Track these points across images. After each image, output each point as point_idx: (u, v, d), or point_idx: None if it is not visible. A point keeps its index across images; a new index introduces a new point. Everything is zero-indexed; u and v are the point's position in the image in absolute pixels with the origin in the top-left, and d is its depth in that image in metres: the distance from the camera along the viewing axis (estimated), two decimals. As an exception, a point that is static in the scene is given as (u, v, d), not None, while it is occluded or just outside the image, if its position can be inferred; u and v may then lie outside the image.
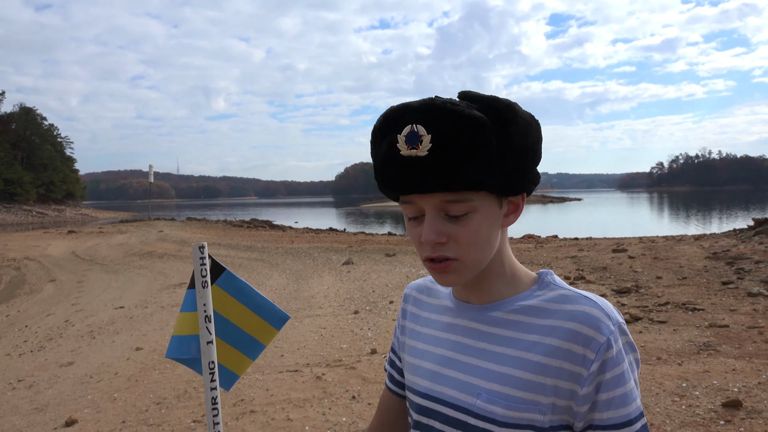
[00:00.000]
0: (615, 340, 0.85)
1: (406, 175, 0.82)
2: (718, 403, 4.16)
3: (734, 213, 44.85)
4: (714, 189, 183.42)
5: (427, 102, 0.83)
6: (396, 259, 14.60)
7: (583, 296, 0.90)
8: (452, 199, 0.83)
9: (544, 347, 0.87)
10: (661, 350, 5.55)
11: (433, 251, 0.86)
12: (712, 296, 7.85)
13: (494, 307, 0.94)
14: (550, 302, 0.90)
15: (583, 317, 0.86)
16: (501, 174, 0.85)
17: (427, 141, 0.80)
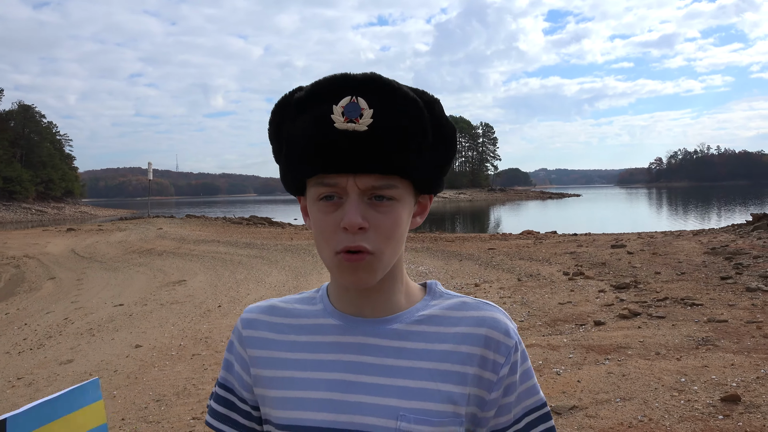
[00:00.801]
0: (519, 342, 0.87)
1: (339, 151, 0.75)
2: (716, 398, 4.17)
3: (732, 208, 44.89)
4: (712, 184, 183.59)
5: (371, 75, 0.77)
6: (395, 256, 14.59)
7: (482, 302, 0.89)
8: (381, 183, 0.77)
9: (459, 355, 0.83)
10: (659, 345, 5.56)
11: (353, 240, 0.77)
12: (710, 291, 7.86)
13: (393, 320, 0.86)
14: (452, 310, 0.87)
15: (492, 322, 0.85)
16: (427, 166, 0.81)
17: (368, 115, 0.74)
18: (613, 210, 52.70)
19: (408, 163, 0.77)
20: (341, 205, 0.77)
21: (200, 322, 8.04)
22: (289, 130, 0.80)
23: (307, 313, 0.91)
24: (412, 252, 15.31)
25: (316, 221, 0.80)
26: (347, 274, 0.79)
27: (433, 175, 0.83)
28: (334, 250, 0.78)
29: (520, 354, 0.86)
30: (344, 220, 0.76)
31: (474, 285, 9.83)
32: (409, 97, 0.77)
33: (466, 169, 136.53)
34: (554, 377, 4.91)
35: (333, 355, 0.86)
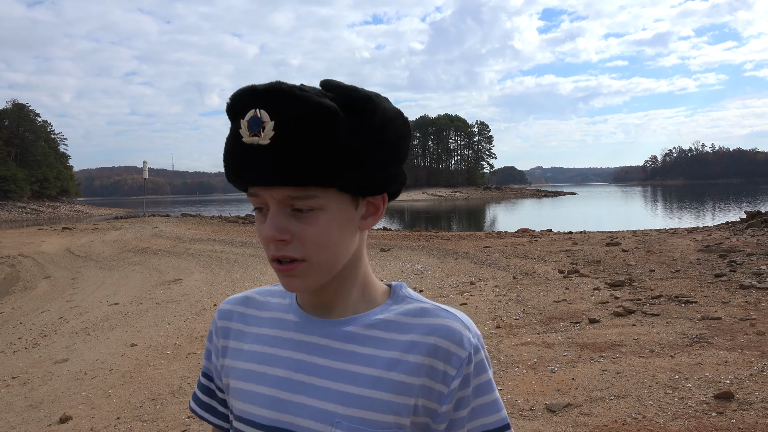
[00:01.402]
0: (476, 353, 0.82)
1: (247, 165, 0.75)
2: (710, 395, 4.19)
3: (727, 206, 45.07)
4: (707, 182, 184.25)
5: (273, 85, 0.75)
6: (391, 254, 14.62)
7: (442, 309, 0.85)
8: (297, 194, 0.75)
9: (405, 365, 0.80)
10: (653, 343, 5.58)
11: (277, 250, 0.77)
12: (704, 289, 7.90)
13: (349, 322, 0.84)
14: (408, 316, 0.84)
15: (444, 331, 0.82)
16: (354, 171, 0.77)
17: (269, 128, 0.73)
18: (608, 208, 52.85)
19: (321, 172, 0.74)
20: (267, 216, 0.78)
21: (196, 320, 8.03)
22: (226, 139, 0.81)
23: (277, 307, 0.91)
24: (408, 250, 15.32)
25: (257, 229, 0.80)
26: (282, 280, 0.80)
27: (368, 176, 0.79)
28: (270, 256, 0.79)
29: (475, 366, 0.82)
30: (263, 231, 0.77)
31: (469, 283, 9.85)
32: (312, 102, 0.73)
33: (462, 168, 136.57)
34: (549, 375, 4.93)
35: (288, 352, 0.86)
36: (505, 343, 5.99)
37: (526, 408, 4.27)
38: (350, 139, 0.75)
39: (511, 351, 5.70)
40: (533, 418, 4.10)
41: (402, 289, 0.90)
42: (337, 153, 0.74)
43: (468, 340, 0.82)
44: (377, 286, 0.89)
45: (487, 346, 5.92)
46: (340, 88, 0.78)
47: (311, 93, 0.74)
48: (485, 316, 7.33)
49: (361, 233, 0.85)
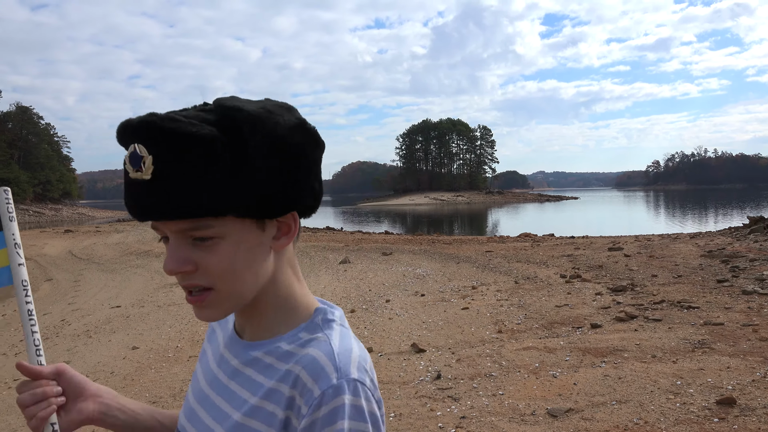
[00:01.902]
0: (332, 397, 0.70)
1: (134, 200, 0.73)
2: (712, 401, 4.18)
3: (730, 211, 45.00)
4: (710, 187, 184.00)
5: (145, 119, 0.71)
6: (393, 258, 14.61)
7: (327, 342, 0.77)
8: (191, 225, 0.72)
9: (277, 395, 0.75)
10: (656, 348, 5.57)
11: (183, 279, 0.75)
12: (707, 294, 7.88)
13: (257, 346, 0.82)
14: (300, 346, 0.78)
15: (307, 362, 0.74)
16: (246, 195, 0.73)
17: (149, 163, 0.70)
18: (611, 213, 52.79)
19: (207, 202, 0.71)
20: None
21: (197, 324, 8.03)
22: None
23: (231, 320, 0.91)
24: (410, 254, 15.32)
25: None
26: (195, 311, 0.79)
27: (266, 197, 0.75)
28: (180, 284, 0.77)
29: (329, 412, 0.70)
30: (164, 264, 0.75)
31: (471, 287, 9.84)
32: (184, 134, 0.70)
33: (464, 172, 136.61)
34: (550, 380, 4.92)
35: (214, 365, 0.88)
36: (506, 348, 5.98)
37: (528, 413, 4.26)
38: (235, 162, 0.72)
39: (512, 356, 5.69)
40: (535, 422, 4.09)
41: (320, 315, 0.82)
42: (222, 180, 0.71)
43: (327, 378, 0.71)
44: (303, 308, 0.82)
45: (489, 351, 5.90)
46: (223, 108, 0.74)
47: (184, 122, 0.70)
48: (487, 321, 7.32)
49: (277, 254, 0.81)
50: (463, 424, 4.15)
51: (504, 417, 4.23)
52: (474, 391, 4.81)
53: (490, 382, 5.02)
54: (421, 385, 5.07)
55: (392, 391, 4.95)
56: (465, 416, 4.28)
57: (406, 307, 8.53)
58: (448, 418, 4.27)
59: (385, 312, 8.25)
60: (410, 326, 7.31)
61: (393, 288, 10.26)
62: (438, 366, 5.55)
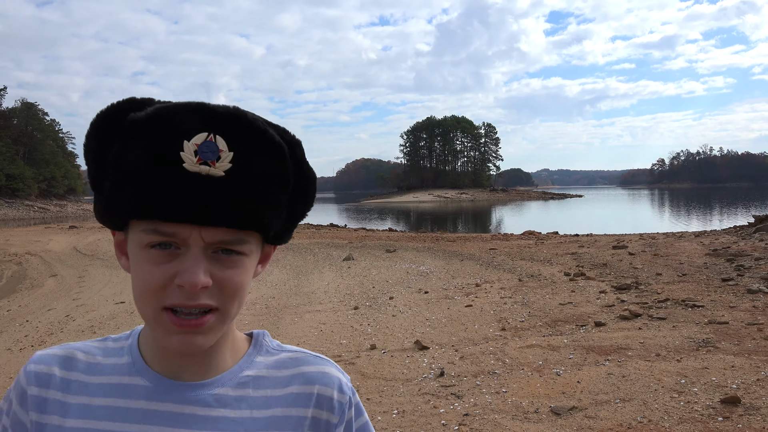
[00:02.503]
0: (354, 396, 0.81)
1: (185, 197, 0.62)
2: (716, 400, 4.17)
3: (735, 210, 44.83)
4: (715, 186, 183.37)
5: (234, 111, 0.65)
6: (396, 255, 14.61)
7: (313, 356, 0.80)
8: (233, 238, 0.65)
9: (289, 421, 0.74)
10: (660, 347, 5.56)
11: (190, 298, 0.64)
12: (711, 293, 7.86)
13: (214, 383, 0.73)
14: (281, 369, 0.77)
15: (324, 379, 0.77)
16: (284, 220, 0.71)
17: (226, 159, 0.63)
18: (615, 211, 52.67)
19: (265, 217, 0.67)
20: (178, 256, 0.64)
21: (201, 320, 8.06)
22: (119, 155, 0.65)
23: (113, 369, 0.73)
24: (413, 251, 15.32)
25: (141, 271, 0.65)
26: (177, 336, 0.66)
27: (287, 227, 0.73)
28: (162, 305, 0.65)
29: (355, 409, 0.80)
30: (183, 277, 0.63)
31: (475, 285, 9.84)
32: (275, 142, 0.67)
33: (468, 170, 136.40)
34: (554, 378, 4.91)
35: (138, 426, 0.70)
36: (510, 346, 5.98)
37: (531, 410, 4.25)
38: (292, 185, 0.70)
39: (516, 353, 5.68)
40: (538, 420, 4.08)
41: (264, 337, 0.81)
42: (281, 199, 0.69)
43: (346, 385, 0.79)
44: (239, 336, 0.80)
45: (492, 348, 5.91)
46: (275, 126, 0.70)
47: (269, 126, 0.68)
48: (490, 318, 7.32)
49: None
50: (466, 422, 4.14)
51: (507, 415, 4.23)
52: (477, 389, 4.80)
53: (493, 379, 5.01)
54: (424, 382, 5.07)
55: (395, 388, 4.95)
56: (468, 413, 4.28)
57: (410, 304, 8.53)
58: (452, 416, 4.27)
59: (389, 309, 8.25)
60: (414, 323, 7.31)
61: (396, 285, 10.27)
62: (441, 363, 5.55)
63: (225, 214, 0.63)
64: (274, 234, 0.71)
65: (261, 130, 0.66)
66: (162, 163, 0.62)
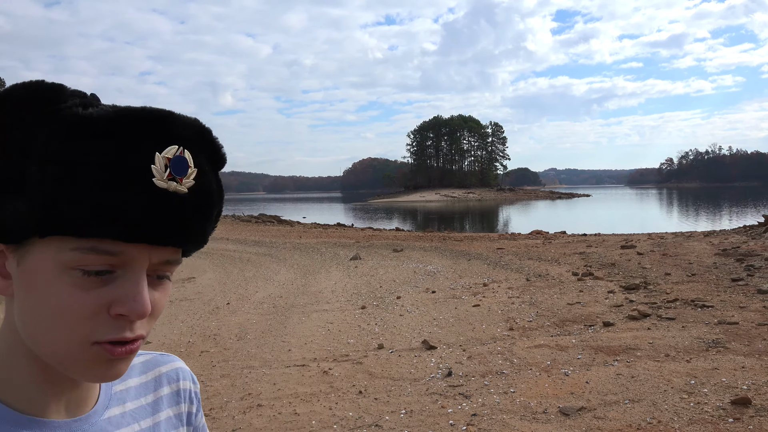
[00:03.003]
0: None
1: (152, 215, 0.54)
2: (726, 401, 4.14)
3: (744, 209, 44.53)
4: (724, 185, 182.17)
5: (200, 124, 0.61)
6: (403, 255, 14.60)
7: (160, 354, 0.79)
8: (174, 258, 0.60)
9: (171, 422, 0.74)
10: (669, 347, 5.52)
11: (130, 330, 0.56)
12: (721, 293, 7.80)
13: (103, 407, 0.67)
14: (140, 375, 0.74)
15: (183, 374, 0.79)
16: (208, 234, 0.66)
17: (191, 175, 0.57)
18: (623, 210, 52.42)
19: (206, 236, 0.63)
20: (111, 281, 0.55)
21: (209, 319, 8.07)
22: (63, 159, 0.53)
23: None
24: (420, 251, 15.31)
25: (61, 298, 0.54)
26: (104, 367, 0.57)
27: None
28: (90, 340, 0.55)
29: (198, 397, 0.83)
30: (130, 305, 0.55)
31: (482, 284, 9.81)
32: (224, 159, 0.63)
33: (475, 169, 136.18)
34: (562, 378, 4.89)
35: None
36: (518, 346, 5.96)
37: (539, 411, 4.24)
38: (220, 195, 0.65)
39: (524, 353, 5.66)
40: (546, 421, 4.06)
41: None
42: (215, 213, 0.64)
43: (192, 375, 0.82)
44: None
45: (500, 348, 5.89)
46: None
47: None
48: (498, 318, 7.30)
49: None
50: (474, 422, 4.13)
51: (515, 415, 4.21)
52: (485, 389, 4.79)
53: (501, 379, 4.99)
54: (432, 382, 5.06)
55: (403, 387, 4.94)
56: (476, 414, 4.27)
57: (417, 303, 8.52)
58: (459, 416, 4.26)
59: (396, 309, 8.24)
60: (421, 323, 7.30)
61: (404, 285, 10.26)
62: (449, 363, 5.54)
63: (184, 233, 0.58)
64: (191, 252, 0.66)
65: (219, 146, 0.62)
66: (128, 174, 0.53)
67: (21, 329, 0.57)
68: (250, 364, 5.86)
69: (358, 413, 4.44)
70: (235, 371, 5.64)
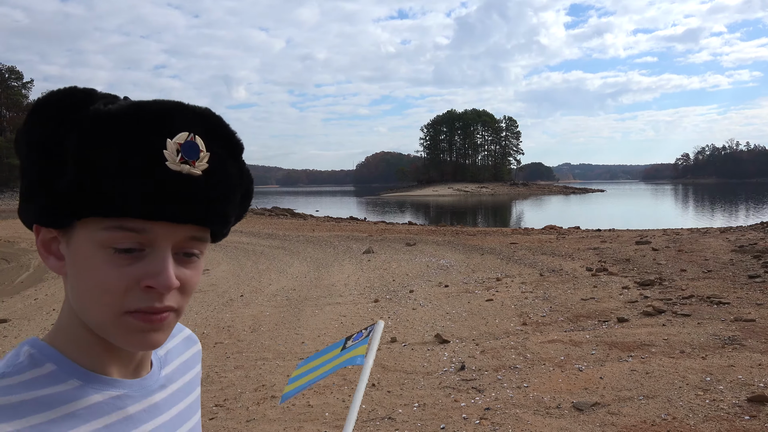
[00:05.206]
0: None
1: (168, 195, 0.61)
2: (743, 398, 4.10)
3: (762, 206, 43.94)
4: (741, 181, 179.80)
5: (210, 112, 0.67)
6: (416, 249, 14.59)
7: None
8: (199, 236, 0.66)
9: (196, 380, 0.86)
10: (684, 344, 5.48)
11: (158, 301, 0.63)
12: (738, 290, 7.72)
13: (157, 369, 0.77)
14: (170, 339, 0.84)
15: (195, 337, 0.92)
16: (237, 218, 0.73)
17: (204, 159, 0.64)
18: (638, 206, 51.97)
19: (229, 215, 0.69)
20: (141, 258, 0.62)
21: (223, 311, 8.13)
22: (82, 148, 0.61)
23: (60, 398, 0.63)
24: (433, 245, 15.29)
25: (99, 273, 0.62)
26: (140, 336, 0.64)
27: (228, 229, 0.73)
28: (123, 309, 0.62)
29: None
30: (156, 279, 0.62)
31: (495, 279, 9.79)
32: (240, 145, 0.70)
33: (489, 163, 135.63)
34: (576, 373, 4.87)
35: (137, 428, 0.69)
36: (531, 341, 5.94)
37: (553, 406, 4.23)
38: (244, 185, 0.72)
39: (537, 348, 5.65)
40: (560, 416, 4.05)
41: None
42: (237, 198, 0.70)
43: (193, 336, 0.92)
44: None
45: (513, 343, 5.88)
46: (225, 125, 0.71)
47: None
48: (511, 313, 7.28)
49: None
50: (487, 416, 4.13)
51: (529, 409, 4.20)
52: (498, 383, 4.79)
53: (514, 374, 4.99)
54: (444, 375, 5.06)
55: (416, 381, 4.95)
56: (489, 408, 4.27)
57: (430, 297, 8.52)
58: (473, 410, 4.26)
59: (409, 302, 8.25)
60: (434, 317, 7.30)
61: (417, 278, 10.26)
62: (462, 357, 5.54)
63: (201, 212, 0.64)
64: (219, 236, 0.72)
65: (231, 132, 0.69)
66: (144, 160, 0.61)
67: (72, 301, 0.66)
68: (263, 356, 5.90)
69: (372, 406, 4.46)
70: (249, 363, 5.68)
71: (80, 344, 0.68)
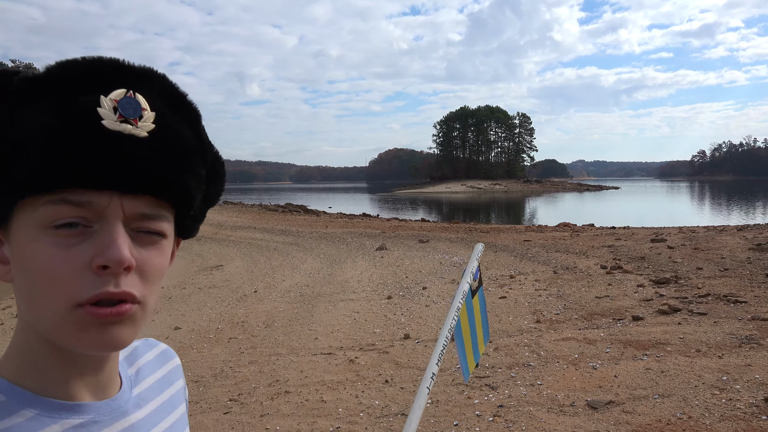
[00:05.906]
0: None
1: (107, 158, 0.53)
2: (760, 398, 4.06)
3: (780, 204, 43.34)
4: (759, 179, 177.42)
5: (152, 70, 0.59)
6: (429, 246, 14.58)
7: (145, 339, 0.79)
8: (154, 212, 0.57)
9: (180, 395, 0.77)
10: (700, 342, 5.43)
11: (115, 284, 0.54)
12: (755, 288, 7.63)
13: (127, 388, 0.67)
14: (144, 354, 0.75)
15: (173, 351, 0.81)
16: (199, 201, 0.63)
17: (149, 119, 0.56)
18: (653, 203, 51.50)
19: (189, 188, 0.60)
20: (90, 235, 0.54)
21: (237, 306, 8.18)
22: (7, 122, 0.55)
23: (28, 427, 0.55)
24: (446, 242, 15.27)
25: (42, 259, 0.53)
26: (96, 332, 0.55)
27: (199, 213, 0.66)
28: (75, 301, 0.53)
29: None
30: (106, 254, 0.53)
31: (509, 277, 9.76)
32: (193, 107, 0.62)
33: (502, 160, 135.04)
34: (590, 371, 4.85)
35: None
36: (545, 338, 5.92)
37: (567, 404, 4.21)
38: (208, 159, 0.64)
39: (551, 346, 5.62)
40: (574, 414, 4.04)
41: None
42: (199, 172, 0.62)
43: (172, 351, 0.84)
44: None
45: (527, 341, 5.86)
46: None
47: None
48: (525, 311, 7.25)
49: None
50: (501, 413, 4.13)
51: (542, 407, 4.19)
52: (512, 381, 4.78)
53: (528, 371, 4.97)
54: (458, 372, 5.06)
55: (429, 377, 4.95)
56: (503, 405, 4.26)
57: (443, 294, 8.51)
58: (486, 407, 4.26)
59: (422, 299, 8.25)
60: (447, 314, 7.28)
61: (430, 275, 10.25)
62: (475, 354, 5.52)
63: (149, 179, 0.55)
64: (187, 219, 0.64)
65: (181, 93, 0.61)
66: (75, 120, 0.53)
67: (22, 308, 0.57)
68: (277, 352, 5.93)
69: (385, 402, 4.47)
70: (263, 358, 5.72)
71: (35, 365, 0.58)
